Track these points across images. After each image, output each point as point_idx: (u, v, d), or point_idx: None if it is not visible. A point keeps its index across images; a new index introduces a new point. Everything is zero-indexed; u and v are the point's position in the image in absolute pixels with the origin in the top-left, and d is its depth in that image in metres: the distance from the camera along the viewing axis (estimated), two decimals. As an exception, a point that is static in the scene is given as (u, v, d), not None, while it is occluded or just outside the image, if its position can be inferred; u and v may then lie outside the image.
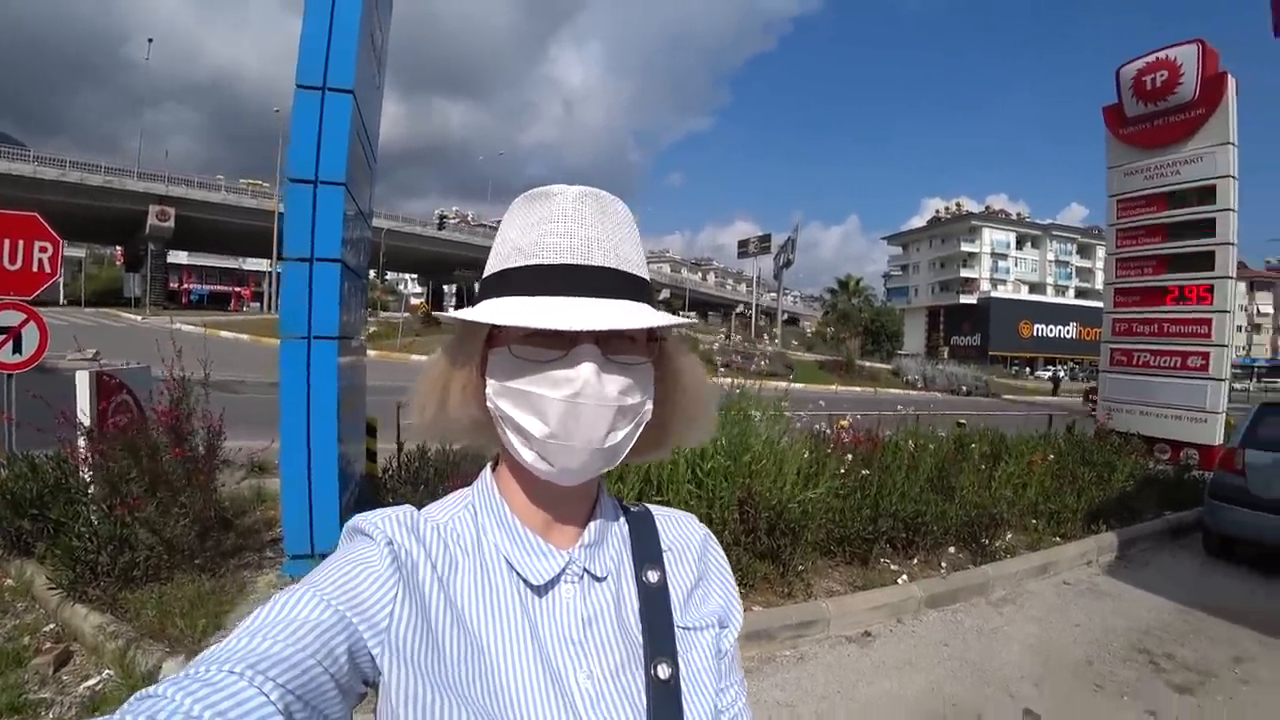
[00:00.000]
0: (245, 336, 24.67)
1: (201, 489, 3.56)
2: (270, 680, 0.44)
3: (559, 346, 0.54)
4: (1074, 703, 3.12)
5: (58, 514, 3.42)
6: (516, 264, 0.56)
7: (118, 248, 55.54)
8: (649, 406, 0.60)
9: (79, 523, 3.27)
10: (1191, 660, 3.64)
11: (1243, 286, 62.22)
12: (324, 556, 2.77)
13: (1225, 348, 8.78)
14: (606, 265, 0.56)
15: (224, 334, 24.78)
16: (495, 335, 0.58)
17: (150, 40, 45.04)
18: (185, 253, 54.75)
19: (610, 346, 0.55)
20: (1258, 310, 72.33)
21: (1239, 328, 60.12)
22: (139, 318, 30.84)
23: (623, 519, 0.67)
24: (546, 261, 0.55)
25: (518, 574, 0.59)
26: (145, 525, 3.24)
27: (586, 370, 0.53)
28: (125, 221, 39.26)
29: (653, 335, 0.61)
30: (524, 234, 0.57)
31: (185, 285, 57.93)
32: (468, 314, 0.55)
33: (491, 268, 0.59)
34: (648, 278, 0.60)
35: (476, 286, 0.63)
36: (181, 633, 2.89)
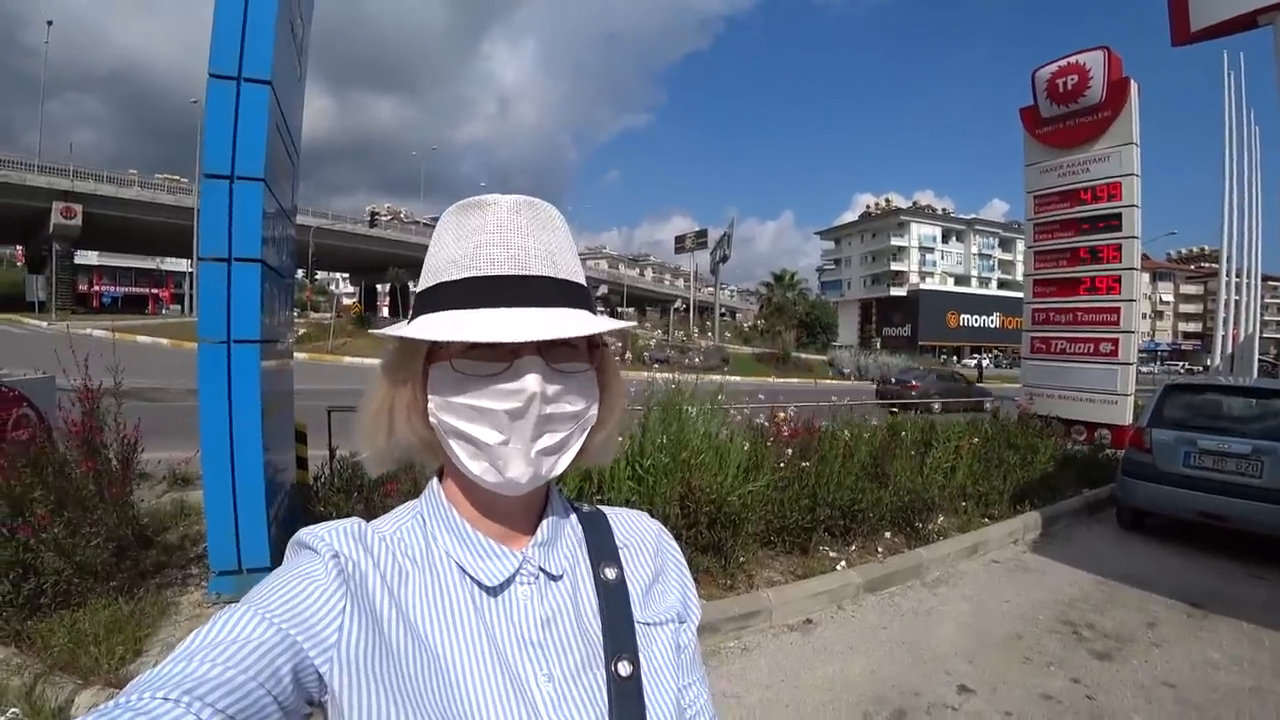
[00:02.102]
0: (165, 341, 23.35)
1: (116, 504, 3.33)
2: (208, 705, 0.41)
3: (502, 358, 0.54)
4: (1004, 675, 3.27)
5: (-50, 540, 3.13)
6: (452, 276, 0.55)
7: (18, 247, 51.54)
8: (593, 412, 0.60)
9: (-25, 549, 3.00)
10: (1110, 628, 3.87)
11: (1146, 277, 66.78)
12: (252, 572, 2.63)
13: (1132, 334, 9.38)
14: (544, 274, 0.55)
15: (140, 339, 23.39)
16: (435, 350, 0.57)
17: (50, 23, 41.50)
18: (95, 253, 51.17)
19: (553, 355, 0.55)
20: (1160, 299, 77.83)
21: (1143, 315, 64.51)
22: (45, 324, 28.71)
23: (575, 518, 0.67)
24: (484, 273, 0.54)
25: (470, 578, 0.57)
26: (52, 547, 3.01)
27: (531, 381, 0.53)
28: (26, 219, 36.30)
29: (594, 342, 0.61)
30: (458, 245, 0.56)
31: (97, 288, 54.18)
32: (406, 331, 0.54)
33: (426, 282, 0.58)
34: (585, 284, 0.60)
35: (412, 299, 0.60)
36: (96, 662, 2.69)
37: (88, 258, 50.10)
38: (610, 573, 0.63)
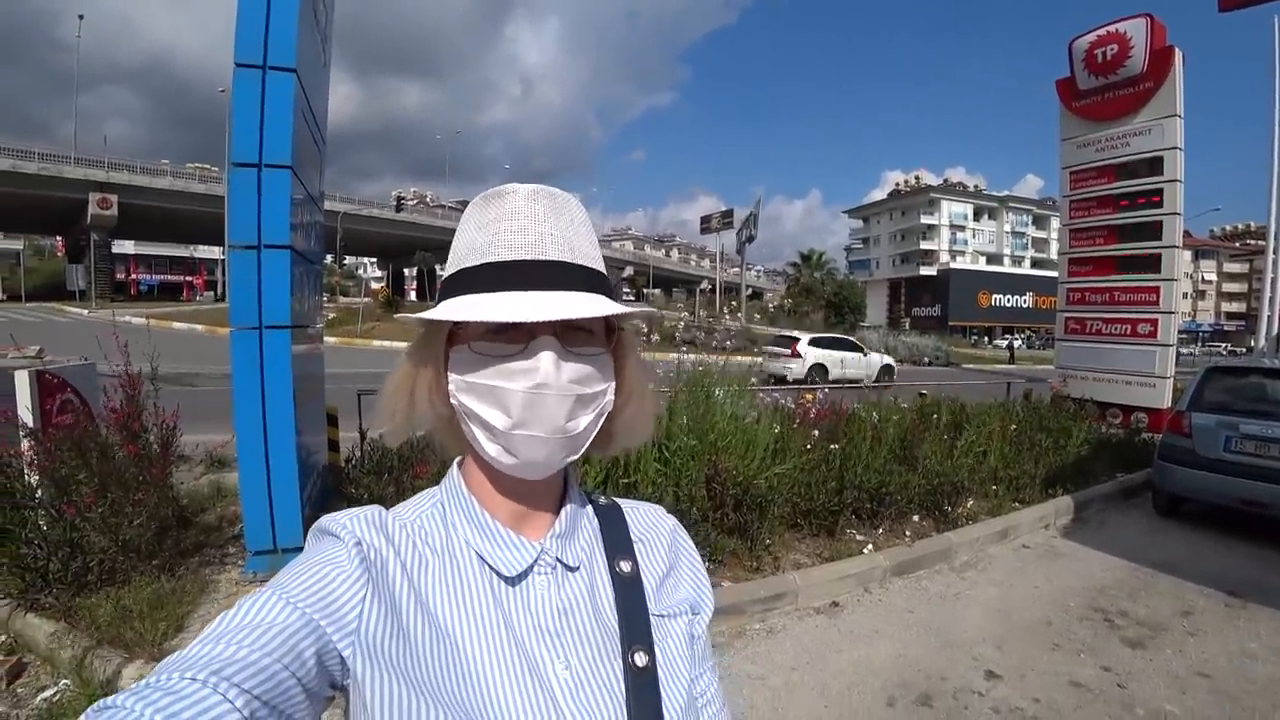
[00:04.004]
0: (200, 327, 23.94)
1: (156, 485, 3.44)
2: (235, 686, 0.43)
3: (519, 340, 0.55)
4: (1033, 662, 3.23)
5: (2, 520, 3.26)
6: (472, 263, 0.57)
7: (58, 238, 53.06)
8: (610, 396, 0.61)
9: (26, 529, 3.13)
10: (1143, 616, 3.80)
11: (1188, 255, 64.56)
12: (287, 552, 2.72)
13: (1173, 315, 9.09)
14: (561, 259, 0.56)
15: (176, 325, 23.98)
16: (456, 333, 0.59)
17: (81, 17, 42.31)
18: (132, 242, 52.52)
19: (568, 339, 0.56)
20: (1202, 278, 75.21)
21: (1184, 295, 62.46)
22: (86, 311, 29.58)
23: (591, 511, 0.68)
24: (501, 258, 0.56)
25: (490, 567, 0.59)
26: (97, 527, 3.12)
27: (546, 361, 0.54)
28: (64, 211, 37.40)
29: (611, 327, 0.62)
30: (479, 233, 0.58)
31: (134, 276, 55.71)
32: (426, 314, 0.57)
33: (449, 270, 0.60)
34: (603, 270, 0.61)
35: (438, 281, 0.62)
36: (141, 636, 2.80)
37: (124, 247, 51.41)
38: (625, 566, 0.65)
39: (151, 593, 3.05)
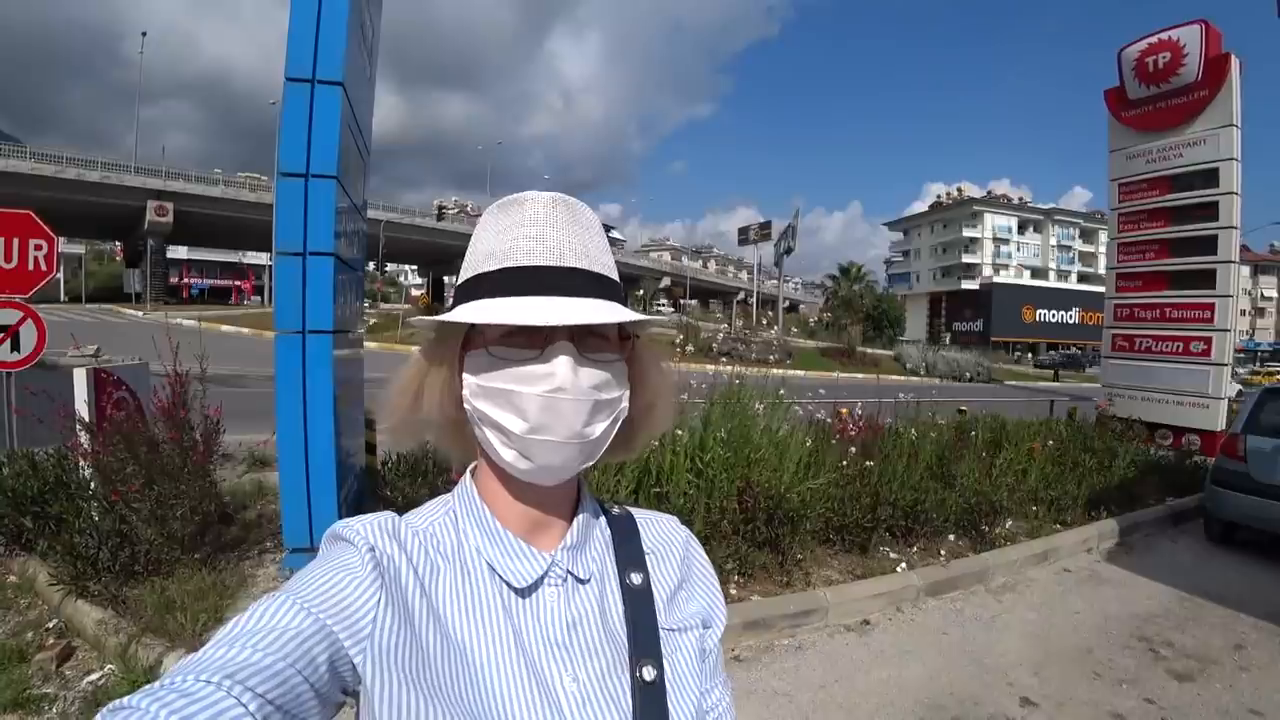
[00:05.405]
0: (246, 330, 24.70)
1: (197, 472, 3.55)
2: (248, 690, 0.43)
3: (536, 345, 0.55)
4: (1072, 690, 3.12)
5: (58, 510, 3.42)
6: (490, 268, 0.57)
7: (117, 243, 55.46)
8: (625, 402, 0.61)
9: (80, 518, 3.28)
10: (1191, 647, 3.64)
11: (1246, 270, 61.86)
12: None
13: (1228, 332, 8.73)
14: (578, 266, 0.57)
15: (224, 328, 24.79)
16: (472, 337, 0.59)
17: (144, 34, 44.65)
18: (185, 247, 54.56)
19: (585, 344, 0.57)
20: (1261, 294, 71.92)
21: (1242, 312, 59.84)
22: (141, 313, 30.81)
23: (604, 521, 0.68)
24: (520, 264, 0.56)
25: (500, 577, 0.59)
26: (145, 519, 3.25)
27: (563, 364, 0.54)
28: (124, 217, 39.07)
29: (624, 334, 0.62)
30: (497, 240, 0.58)
31: (186, 280, 57.81)
32: (444, 316, 0.57)
33: (464, 275, 0.60)
34: (617, 279, 0.61)
35: (451, 294, 0.63)
36: (182, 627, 2.90)
37: (178, 252, 53.35)
38: (636, 578, 0.64)
39: (194, 585, 3.16)
